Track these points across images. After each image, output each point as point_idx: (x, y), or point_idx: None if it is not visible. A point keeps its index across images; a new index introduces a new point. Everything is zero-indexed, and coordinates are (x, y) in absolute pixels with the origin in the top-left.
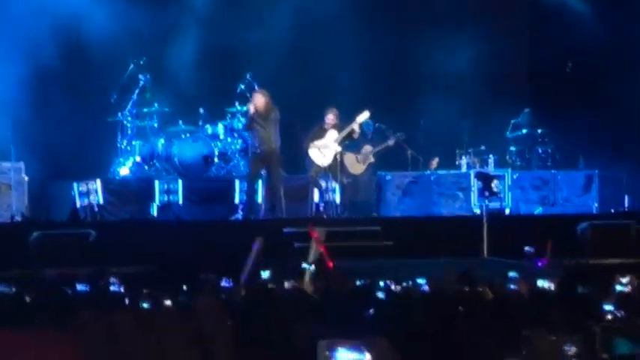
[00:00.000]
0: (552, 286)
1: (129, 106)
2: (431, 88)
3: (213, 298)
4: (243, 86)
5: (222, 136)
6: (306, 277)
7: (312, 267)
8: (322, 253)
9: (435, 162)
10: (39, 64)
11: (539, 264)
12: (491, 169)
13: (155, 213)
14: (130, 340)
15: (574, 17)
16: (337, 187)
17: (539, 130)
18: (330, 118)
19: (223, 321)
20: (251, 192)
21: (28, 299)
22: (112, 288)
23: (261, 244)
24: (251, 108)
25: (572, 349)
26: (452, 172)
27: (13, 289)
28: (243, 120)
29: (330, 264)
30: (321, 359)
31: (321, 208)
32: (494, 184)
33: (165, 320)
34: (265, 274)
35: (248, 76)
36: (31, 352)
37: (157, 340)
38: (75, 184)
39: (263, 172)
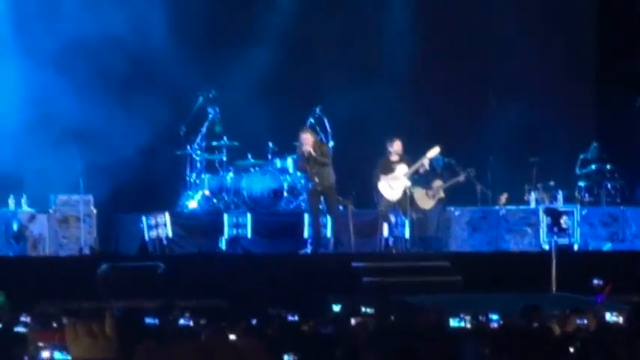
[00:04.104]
0: (620, 320)
1: (198, 140)
2: (499, 123)
3: (253, 338)
4: (312, 120)
5: (291, 170)
6: None
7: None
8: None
9: (504, 197)
10: (108, 97)
11: (599, 299)
12: (560, 204)
13: (224, 246)
14: None
15: None
16: (407, 221)
17: (608, 166)
18: (397, 147)
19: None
20: (317, 226)
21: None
22: (181, 321)
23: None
24: (310, 150)
25: None
26: (521, 207)
27: (73, 321)
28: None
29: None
30: None
31: (391, 243)
32: (563, 220)
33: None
34: (336, 308)
35: (317, 109)
36: None
37: None
38: (144, 217)
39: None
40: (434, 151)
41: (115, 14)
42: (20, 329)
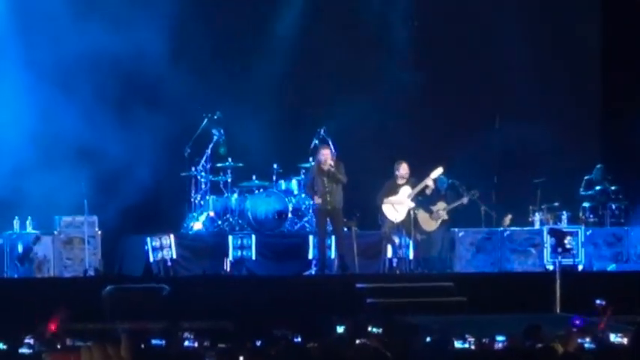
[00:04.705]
0: (625, 341)
1: (202, 161)
2: (504, 144)
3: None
4: (317, 141)
5: (295, 192)
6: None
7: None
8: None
9: (508, 218)
10: (113, 118)
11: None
12: (564, 225)
13: (228, 268)
14: None
15: None
16: (410, 243)
17: (613, 187)
18: (403, 171)
19: None
20: (323, 248)
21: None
22: (185, 343)
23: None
24: (331, 162)
25: None
26: (525, 228)
27: (89, 344)
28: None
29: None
30: None
31: (394, 264)
32: (568, 240)
33: None
34: (340, 329)
35: (321, 131)
36: None
37: None
38: (148, 239)
39: (329, 227)
40: (437, 172)
41: (122, 35)
42: (25, 350)
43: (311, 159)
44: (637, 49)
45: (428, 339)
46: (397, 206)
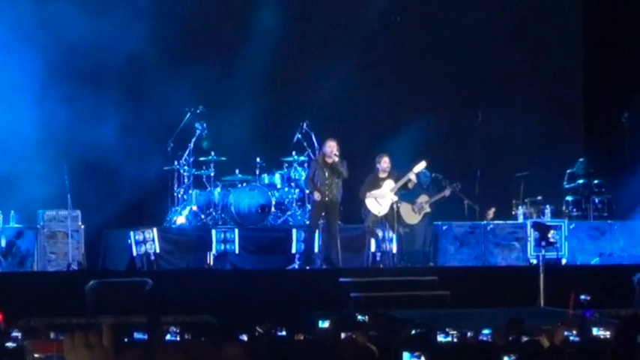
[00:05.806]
0: (608, 335)
1: (185, 155)
2: (487, 137)
3: (239, 347)
4: (299, 135)
5: (279, 186)
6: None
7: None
8: None
9: (491, 212)
10: (96, 113)
11: (588, 314)
12: (547, 219)
13: (211, 262)
14: None
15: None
16: (394, 236)
17: (596, 181)
18: (384, 164)
19: None
20: (311, 241)
21: None
22: (168, 337)
23: None
24: (337, 154)
25: None
26: (508, 222)
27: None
28: (300, 170)
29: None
30: None
31: (378, 258)
32: (551, 234)
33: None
34: (324, 324)
35: (304, 125)
36: None
37: None
38: (131, 233)
39: (321, 221)
40: (420, 166)
41: (105, 32)
42: (10, 344)
43: (294, 152)
44: (620, 42)
45: (412, 332)
46: (380, 200)
